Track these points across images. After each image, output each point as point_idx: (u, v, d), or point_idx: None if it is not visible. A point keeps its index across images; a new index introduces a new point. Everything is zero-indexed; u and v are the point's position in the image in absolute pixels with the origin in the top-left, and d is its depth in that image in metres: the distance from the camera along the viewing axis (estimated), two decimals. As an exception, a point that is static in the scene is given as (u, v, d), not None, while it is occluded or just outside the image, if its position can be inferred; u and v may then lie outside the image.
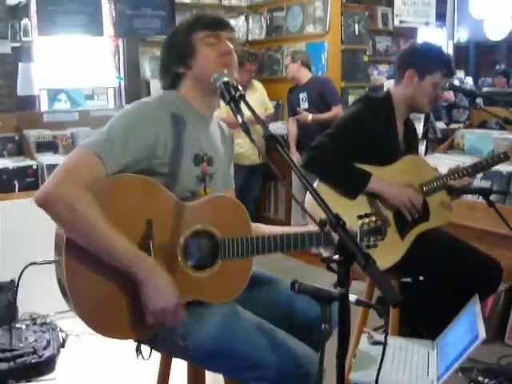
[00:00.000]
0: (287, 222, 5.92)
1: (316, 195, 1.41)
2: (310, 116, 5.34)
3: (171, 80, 2.01)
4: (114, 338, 1.79)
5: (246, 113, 1.59)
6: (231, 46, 1.96)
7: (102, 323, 1.75)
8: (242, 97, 1.67)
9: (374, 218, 2.04)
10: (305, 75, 5.51)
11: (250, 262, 1.95)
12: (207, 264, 1.87)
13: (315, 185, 2.62)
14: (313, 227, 1.99)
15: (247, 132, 1.54)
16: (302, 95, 5.48)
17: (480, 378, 2.93)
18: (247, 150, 5.40)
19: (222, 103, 1.83)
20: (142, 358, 1.82)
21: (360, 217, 2.03)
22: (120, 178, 1.75)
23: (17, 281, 3.38)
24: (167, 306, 1.71)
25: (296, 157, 5.24)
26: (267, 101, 5.85)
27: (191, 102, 1.98)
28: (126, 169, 1.77)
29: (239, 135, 1.44)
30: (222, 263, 1.87)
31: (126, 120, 1.83)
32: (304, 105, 5.48)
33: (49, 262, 1.88)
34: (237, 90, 1.68)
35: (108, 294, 1.74)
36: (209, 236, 1.87)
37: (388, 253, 2.57)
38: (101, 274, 1.72)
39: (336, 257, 1.34)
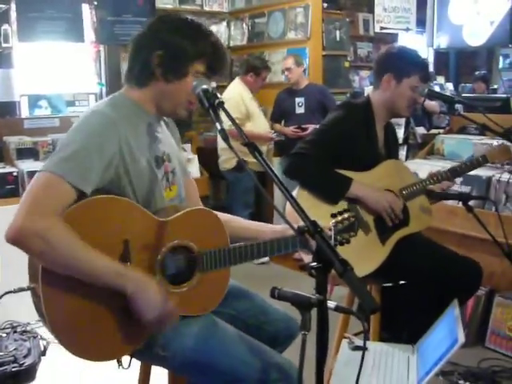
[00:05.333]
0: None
1: (294, 202, 1.41)
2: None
3: (145, 75, 1.88)
4: (97, 360, 1.75)
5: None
6: None
7: (86, 348, 1.72)
8: (221, 104, 1.67)
9: (346, 215, 2.03)
10: (304, 81, 5.58)
11: (227, 272, 1.94)
12: (186, 278, 1.85)
13: (296, 191, 2.63)
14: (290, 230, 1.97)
15: (225, 139, 1.55)
16: (299, 100, 5.50)
17: (461, 382, 2.96)
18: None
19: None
20: (122, 367, 1.82)
21: (333, 215, 2.02)
22: (94, 200, 1.69)
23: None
24: (160, 313, 1.69)
25: None
26: None
27: (144, 105, 1.90)
28: (98, 182, 1.71)
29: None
30: (200, 276, 1.86)
31: (84, 134, 1.73)
32: (300, 110, 5.50)
33: (24, 290, 1.86)
34: (216, 97, 1.68)
35: (89, 317, 1.70)
36: (186, 250, 1.85)
37: (369, 258, 2.59)
38: (80, 297, 1.68)
39: (314, 264, 1.35)
